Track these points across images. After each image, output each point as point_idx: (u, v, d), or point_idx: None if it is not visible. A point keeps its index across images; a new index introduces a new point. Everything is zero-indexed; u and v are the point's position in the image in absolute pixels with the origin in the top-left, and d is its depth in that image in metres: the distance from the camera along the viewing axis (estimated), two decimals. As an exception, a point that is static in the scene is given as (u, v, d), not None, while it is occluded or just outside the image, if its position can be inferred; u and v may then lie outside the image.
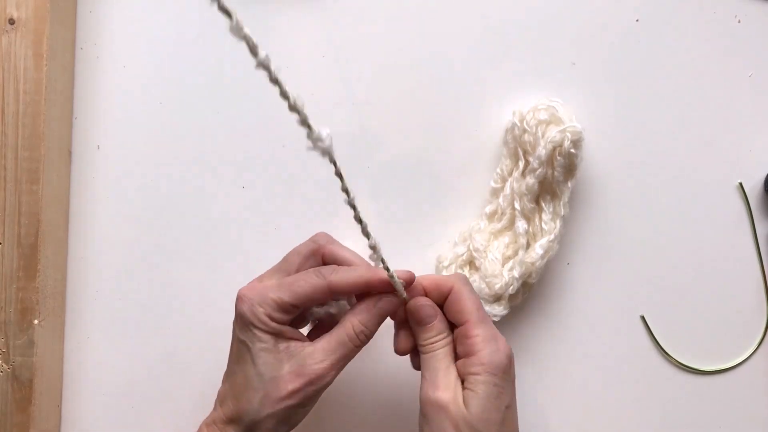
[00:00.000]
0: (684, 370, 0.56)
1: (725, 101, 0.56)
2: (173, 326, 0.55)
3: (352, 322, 0.44)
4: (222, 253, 0.55)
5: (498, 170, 0.54)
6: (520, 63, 0.55)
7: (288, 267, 0.45)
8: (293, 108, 0.37)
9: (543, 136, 0.51)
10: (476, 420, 0.40)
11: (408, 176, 0.55)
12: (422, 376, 0.43)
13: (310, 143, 0.37)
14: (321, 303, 0.46)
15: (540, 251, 0.51)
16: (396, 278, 0.43)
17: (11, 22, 0.50)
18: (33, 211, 0.51)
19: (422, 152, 0.55)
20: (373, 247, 0.42)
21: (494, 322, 0.52)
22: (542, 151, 0.50)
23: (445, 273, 0.53)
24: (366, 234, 0.41)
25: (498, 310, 0.51)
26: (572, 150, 0.50)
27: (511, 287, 0.51)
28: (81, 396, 0.56)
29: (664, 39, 0.55)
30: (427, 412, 0.42)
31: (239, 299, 0.43)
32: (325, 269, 0.44)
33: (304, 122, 0.36)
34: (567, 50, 0.55)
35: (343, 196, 0.39)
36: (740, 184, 0.56)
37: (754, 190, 0.56)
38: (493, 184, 0.54)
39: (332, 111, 0.55)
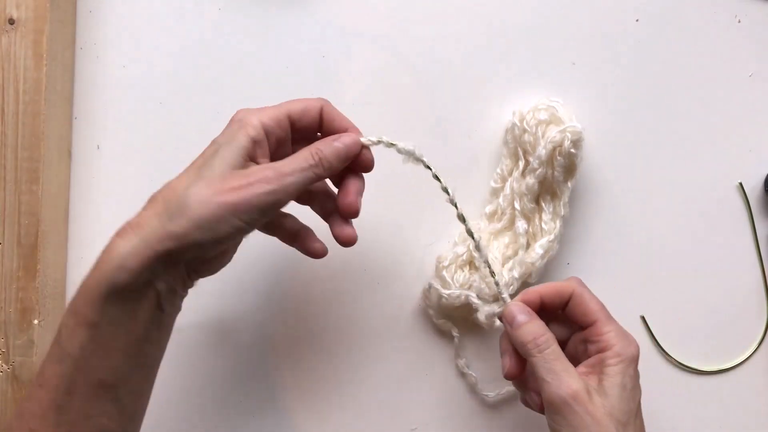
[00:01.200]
0: (684, 370, 0.56)
1: (725, 101, 0.56)
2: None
3: (312, 147, 0.43)
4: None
5: (498, 170, 0.54)
6: (520, 63, 0.55)
7: None
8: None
9: (543, 136, 0.51)
10: (616, 409, 0.41)
11: (408, 176, 0.55)
12: (542, 379, 0.42)
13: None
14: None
15: (540, 251, 0.51)
16: (500, 285, 0.47)
17: (11, 22, 0.50)
18: (33, 211, 0.51)
19: (422, 152, 0.55)
20: (477, 248, 0.46)
21: (492, 323, 0.52)
22: (542, 151, 0.50)
23: (444, 273, 0.53)
24: (470, 234, 0.45)
25: (497, 310, 0.51)
26: (572, 150, 0.50)
27: (511, 287, 0.51)
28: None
29: (664, 39, 0.55)
30: (561, 410, 0.41)
31: (237, 114, 0.43)
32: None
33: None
34: (567, 50, 0.55)
35: (444, 195, 0.46)
36: (740, 184, 0.56)
37: (754, 190, 0.56)
38: (493, 184, 0.54)
39: (332, 111, 0.55)
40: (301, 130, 0.44)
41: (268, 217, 0.41)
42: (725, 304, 0.56)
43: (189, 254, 0.40)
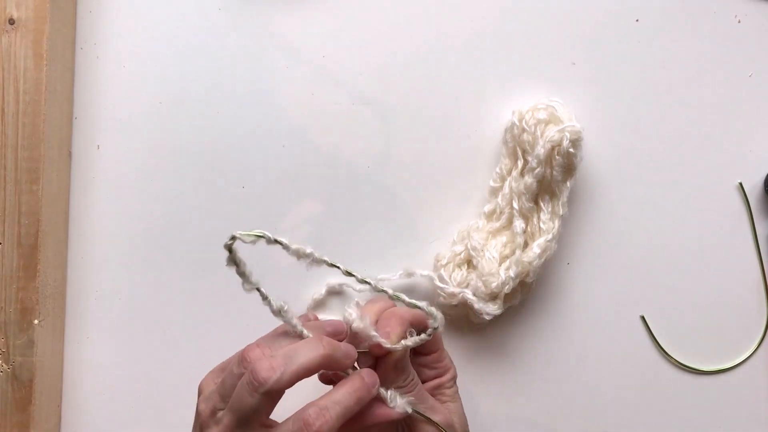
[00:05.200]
0: (684, 370, 0.56)
1: (725, 101, 0.55)
2: (173, 326, 0.55)
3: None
4: (222, 253, 0.55)
5: (497, 169, 0.54)
6: (520, 63, 0.55)
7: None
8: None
9: (542, 135, 0.51)
10: (463, 424, 0.47)
11: (408, 175, 0.55)
12: (425, 406, 0.44)
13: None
14: None
15: (537, 251, 0.51)
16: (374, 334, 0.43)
17: (11, 22, 0.50)
18: (33, 211, 0.51)
19: (422, 151, 0.55)
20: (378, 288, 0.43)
21: (486, 322, 0.52)
22: (541, 150, 0.50)
23: (443, 272, 0.53)
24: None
25: (492, 309, 0.51)
26: (571, 149, 0.50)
27: (507, 286, 0.51)
28: (81, 396, 0.56)
29: (664, 39, 0.55)
30: None
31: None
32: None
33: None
34: (567, 50, 0.55)
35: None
36: (740, 184, 0.56)
37: (754, 190, 0.56)
38: (492, 184, 0.54)
39: (332, 111, 0.55)
40: None
41: None
42: (725, 304, 0.56)
43: None
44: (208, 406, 0.40)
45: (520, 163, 0.53)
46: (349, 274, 0.42)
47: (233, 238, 0.38)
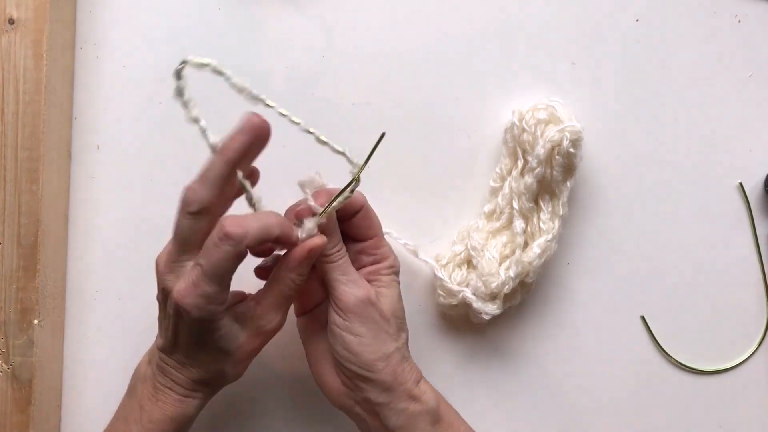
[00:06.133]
0: (684, 370, 0.56)
1: (725, 101, 0.56)
2: (173, 326, 0.55)
3: (290, 276, 0.45)
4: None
5: (497, 169, 0.54)
6: (520, 63, 0.55)
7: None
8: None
9: (542, 135, 0.51)
10: (394, 310, 0.47)
11: (408, 175, 0.55)
12: (335, 281, 0.45)
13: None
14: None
15: (537, 251, 0.51)
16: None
17: (11, 22, 0.50)
18: (33, 211, 0.51)
19: (422, 151, 0.55)
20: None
21: (486, 321, 0.52)
22: (541, 150, 0.50)
23: (443, 271, 0.53)
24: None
25: (491, 308, 0.51)
26: (571, 149, 0.50)
27: (507, 286, 0.51)
28: (81, 396, 0.56)
29: (664, 39, 0.55)
30: (355, 309, 0.45)
31: (181, 310, 0.42)
32: (232, 234, 0.42)
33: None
34: (567, 50, 0.55)
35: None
36: (740, 184, 0.56)
37: (754, 190, 0.56)
38: (492, 184, 0.54)
39: (332, 111, 0.55)
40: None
41: (225, 293, 0.43)
42: (725, 304, 0.56)
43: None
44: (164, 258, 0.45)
45: (520, 163, 0.53)
46: (323, 142, 0.45)
47: (183, 62, 0.42)
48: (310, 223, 0.44)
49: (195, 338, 0.44)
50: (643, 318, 0.56)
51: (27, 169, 0.51)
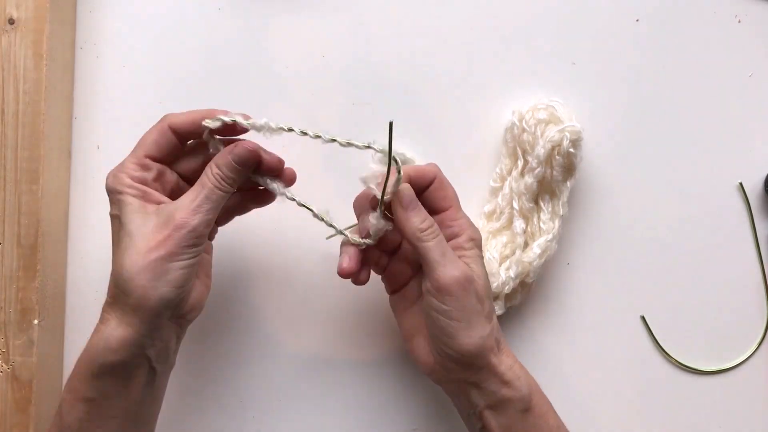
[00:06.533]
0: (684, 370, 0.56)
1: (725, 101, 0.56)
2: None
3: (209, 166, 0.44)
4: (221, 252, 0.55)
5: (497, 169, 0.54)
6: (520, 63, 0.55)
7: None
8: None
9: (542, 135, 0.51)
10: (486, 289, 0.45)
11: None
12: (435, 263, 0.44)
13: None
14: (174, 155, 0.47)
15: (537, 251, 0.51)
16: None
17: (11, 22, 0.50)
18: (33, 211, 0.51)
19: (422, 152, 0.55)
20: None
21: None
22: (541, 150, 0.50)
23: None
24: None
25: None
26: (571, 149, 0.50)
27: (507, 286, 0.51)
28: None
29: (664, 39, 0.55)
30: (453, 290, 0.43)
31: (106, 180, 0.44)
32: (166, 115, 0.46)
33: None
34: (567, 50, 0.55)
35: None
36: (740, 184, 0.56)
37: (754, 190, 0.56)
38: (492, 184, 0.54)
39: (332, 111, 0.55)
40: (186, 135, 0.46)
41: (202, 241, 0.43)
42: (725, 304, 0.56)
43: (166, 314, 0.43)
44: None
45: (520, 163, 0.53)
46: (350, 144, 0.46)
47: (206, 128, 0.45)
48: (374, 216, 0.45)
49: (113, 236, 0.44)
50: (643, 318, 0.56)
51: (27, 169, 0.51)
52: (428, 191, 0.47)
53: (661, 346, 0.56)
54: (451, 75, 0.55)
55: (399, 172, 0.44)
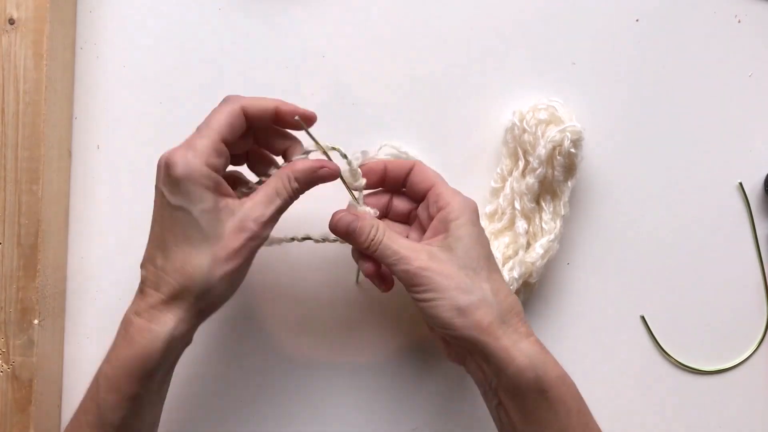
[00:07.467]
0: (684, 370, 0.56)
1: (725, 101, 0.56)
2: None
3: (284, 172, 0.44)
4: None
5: (498, 170, 0.54)
6: (520, 63, 0.55)
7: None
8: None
9: (543, 135, 0.51)
10: (463, 259, 0.44)
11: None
12: (389, 265, 0.45)
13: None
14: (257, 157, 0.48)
15: (540, 251, 0.51)
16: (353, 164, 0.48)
17: (11, 22, 0.50)
18: (33, 211, 0.51)
19: (422, 152, 0.55)
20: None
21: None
22: (542, 150, 0.50)
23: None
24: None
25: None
26: (572, 150, 0.50)
27: (511, 287, 0.51)
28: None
29: (664, 39, 0.55)
30: (415, 280, 0.43)
31: (168, 164, 0.41)
32: (233, 97, 0.45)
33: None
34: (567, 50, 0.55)
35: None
36: (740, 184, 0.56)
37: (754, 190, 0.56)
38: (493, 184, 0.54)
39: (332, 111, 0.55)
40: (256, 120, 0.45)
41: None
42: (725, 304, 0.56)
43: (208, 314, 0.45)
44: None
45: (521, 164, 0.53)
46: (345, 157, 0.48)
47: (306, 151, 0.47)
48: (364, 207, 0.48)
49: (168, 225, 0.41)
50: (643, 318, 0.56)
51: (27, 169, 0.51)
52: (409, 179, 0.48)
53: (661, 346, 0.56)
54: (451, 75, 0.55)
55: (349, 163, 0.47)
